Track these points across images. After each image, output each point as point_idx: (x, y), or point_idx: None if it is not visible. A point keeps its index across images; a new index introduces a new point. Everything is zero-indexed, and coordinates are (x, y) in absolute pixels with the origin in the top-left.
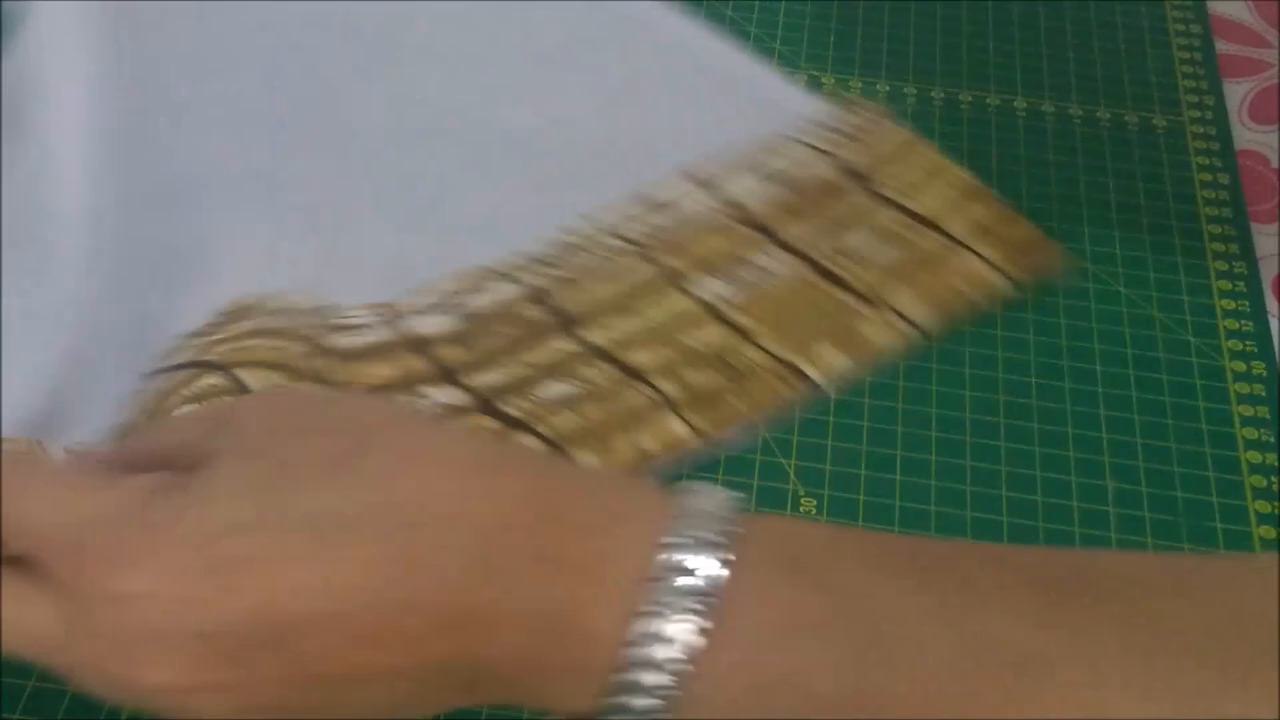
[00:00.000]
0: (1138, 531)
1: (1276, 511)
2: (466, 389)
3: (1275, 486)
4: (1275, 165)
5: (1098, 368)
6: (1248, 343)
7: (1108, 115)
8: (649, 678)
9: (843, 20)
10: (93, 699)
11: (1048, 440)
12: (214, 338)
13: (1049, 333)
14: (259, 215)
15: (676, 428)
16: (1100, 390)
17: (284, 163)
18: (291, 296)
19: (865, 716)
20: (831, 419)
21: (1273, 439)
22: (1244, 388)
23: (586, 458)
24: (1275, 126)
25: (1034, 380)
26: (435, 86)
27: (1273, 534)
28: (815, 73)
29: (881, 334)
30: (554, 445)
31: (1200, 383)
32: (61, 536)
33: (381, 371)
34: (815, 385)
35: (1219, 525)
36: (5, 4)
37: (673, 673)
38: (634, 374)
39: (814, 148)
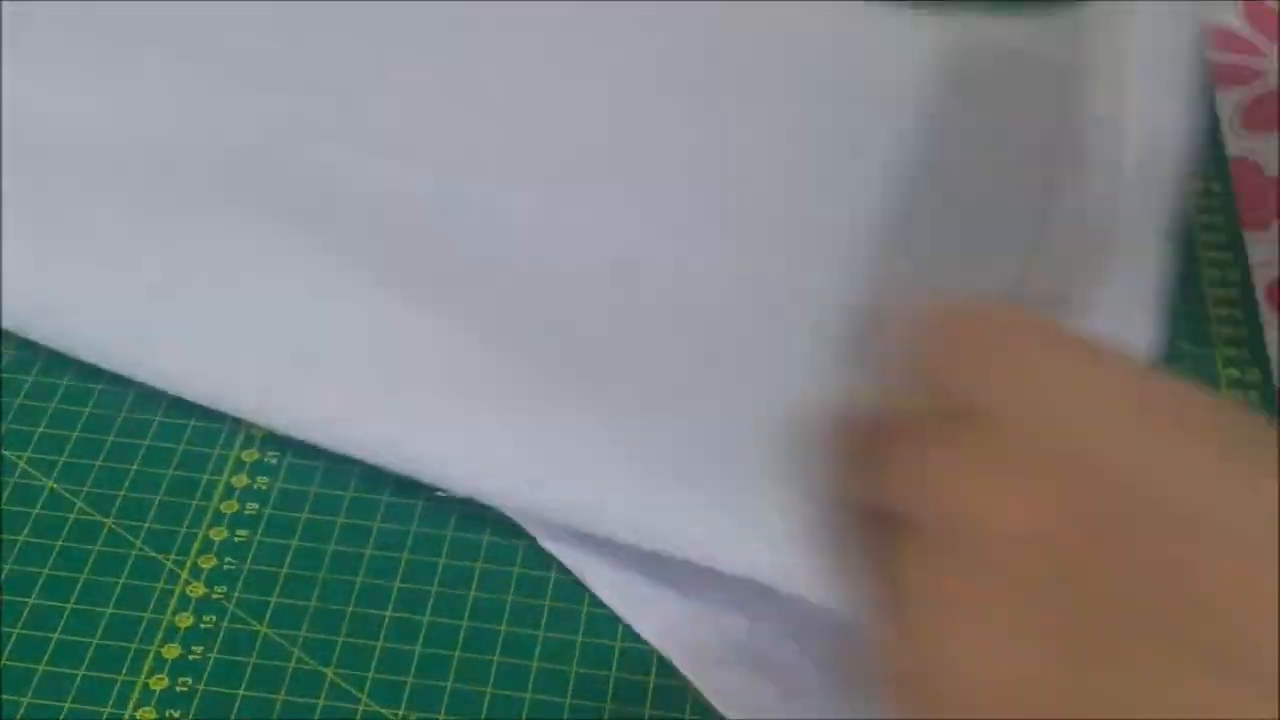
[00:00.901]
0: None
1: None
2: None
3: None
4: (1268, 173)
5: None
6: (1242, 349)
7: None
8: None
9: None
10: (93, 707)
11: None
12: None
13: None
14: None
15: None
16: None
17: None
18: None
19: None
20: None
21: None
22: (1238, 395)
23: None
24: (1268, 134)
25: None
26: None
27: None
28: None
29: None
30: None
31: None
32: None
33: None
34: None
35: None
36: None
37: None
38: None
39: None
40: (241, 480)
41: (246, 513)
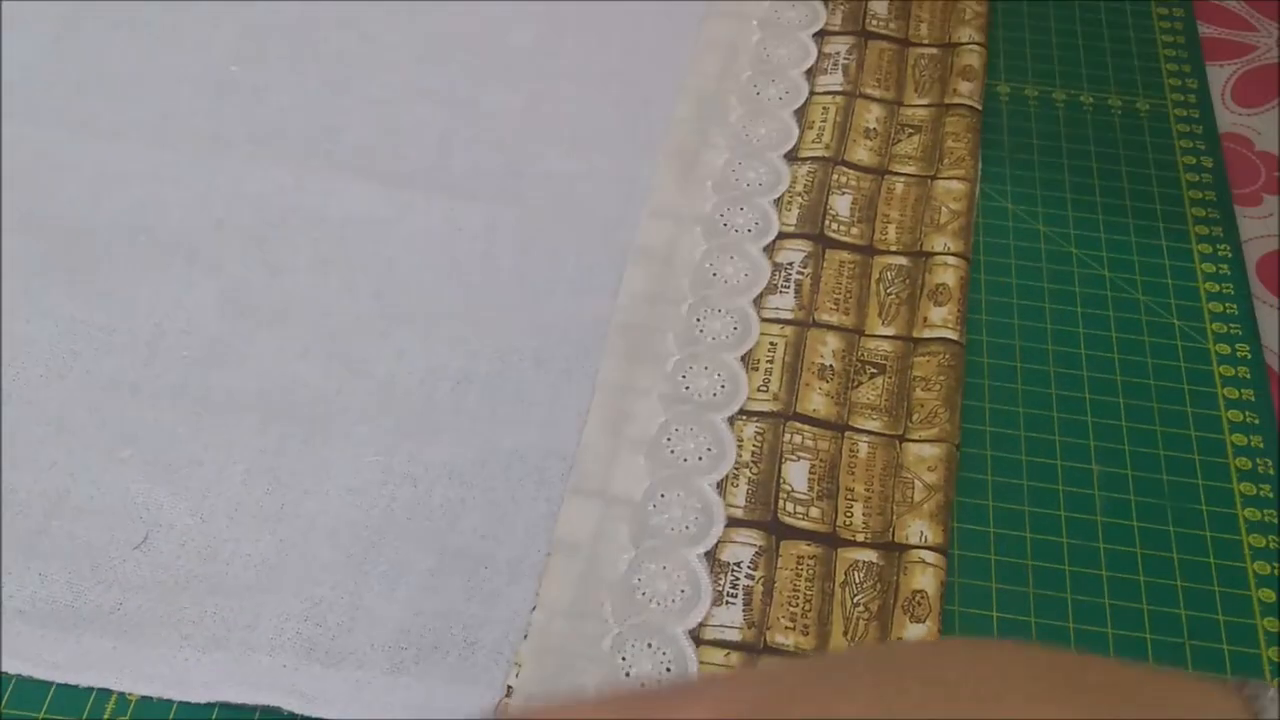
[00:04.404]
0: (1124, 515)
1: (1260, 493)
2: None
3: (1260, 469)
4: (1258, 148)
5: (1082, 351)
6: (1232, 326)
7: (1091, 99)
8: None
9: None
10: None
11: (1032, 424)
12: None
13: (1033, 317)
14: None
15: (925, 451)
16: (1085, 374)
17: None
18: None
19: None
20: None
21: (1258, 421)
22: (1228, 370)
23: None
24: (1258, 109)
25: (1019, 365)
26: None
27: (1257, 516)
28: None
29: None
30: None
31: (1185, 366)
32: None
33: None
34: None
35: (1204, 507)
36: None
37: None
38: (835, 425)
39: None
40: None
41: None
